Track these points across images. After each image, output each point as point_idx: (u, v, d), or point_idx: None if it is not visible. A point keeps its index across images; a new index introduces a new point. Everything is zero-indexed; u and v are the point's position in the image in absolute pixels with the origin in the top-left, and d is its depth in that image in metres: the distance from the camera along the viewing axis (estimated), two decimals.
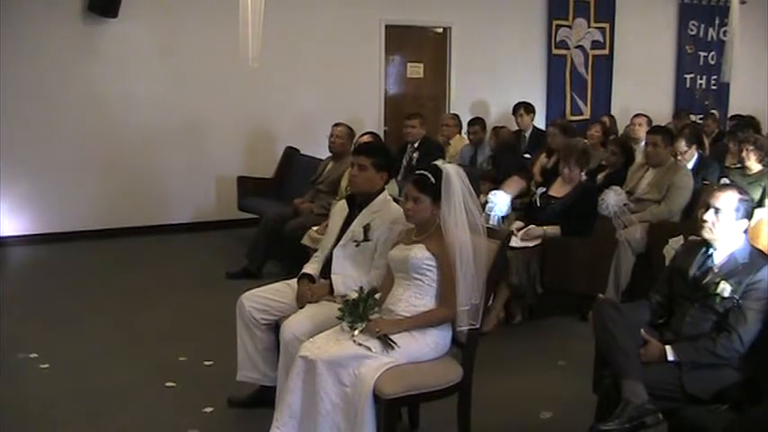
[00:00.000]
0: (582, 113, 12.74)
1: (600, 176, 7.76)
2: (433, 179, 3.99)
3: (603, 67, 12.93)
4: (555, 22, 12.41)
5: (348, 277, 4.48)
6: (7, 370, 5.54)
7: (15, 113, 9.14)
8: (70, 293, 7.46)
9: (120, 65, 9.60)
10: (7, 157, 9.12)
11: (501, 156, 8.85)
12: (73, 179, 9.52)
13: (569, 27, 12.55)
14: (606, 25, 12.82)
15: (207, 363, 5.60)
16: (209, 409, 4.85)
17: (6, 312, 6.86)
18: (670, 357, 3.74)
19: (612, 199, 6.65)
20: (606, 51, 12.90)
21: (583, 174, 6.82)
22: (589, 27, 12.72)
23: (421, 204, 4.00)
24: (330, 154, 8.26)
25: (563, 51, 12.58)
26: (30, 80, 9.18)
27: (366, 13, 10.84)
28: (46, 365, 5.60)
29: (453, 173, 4.02)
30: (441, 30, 11.73)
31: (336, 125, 8.24)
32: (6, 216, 9.28)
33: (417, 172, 4.08)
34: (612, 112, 12.47)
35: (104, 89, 9.55)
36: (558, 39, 12.49)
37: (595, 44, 12.80)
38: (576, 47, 12.68)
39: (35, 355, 5.76)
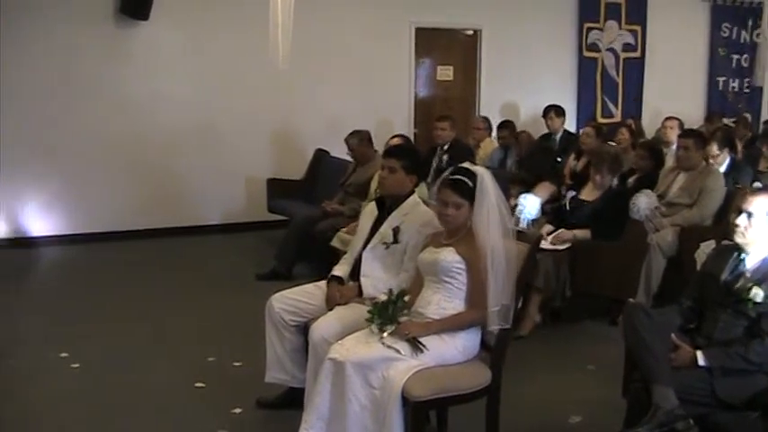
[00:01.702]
0: (613, 116, 12.66)
1: (630, 180, 7.70)
2: (470, 183, 3.97)
3: (635, 69, 12.85)
4: (586, 25, 12.35)
5: (377, 279, 4.48)
6: (38, 369, 5.60)
7: (46, 114, 9.24)
8: (100, 294, 7.51)
9: (151, 67, 9.67)
10: (38, 157, 9.22)
11: (531, 159, 8.82)
12: (103, 180, 9.59)
13: (600, 29, 12.48)
14: (638, 28, 12.74)
15: (236, 364, 5.62)
16: (237, 410, 4.86)
17: (38, 312, 6.96)
18: (701, 363, 3.71)
19: (644, 203, 6.61)
20: (638, 54, 12.83)
21: (614, 179, 6.79)
22: (620, 29, 12.64)
23: (461, 209, 3.98)
24: None
25: (594, 54, 12.52)
26: (61, 81, 9.27)
27: (396, 15, 10.84)
28: (76, 365, 5.64)
29: (488, 176, 4.01)
30: (471, 32, 11.71)
31: (346, 138, 8.31)
32: (37, 216, 9.39)
33: (453, 176, 4.04)
34: (644, 115, 12.43)
35: (135, 91, 9.62)
36: (588, 41, 12.43)
37: (627, 46, 12.73)
38: (608, 49, 12.61)
39: (66, 354, 5.80)
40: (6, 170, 9.12)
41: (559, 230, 6.49)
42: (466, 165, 4.15)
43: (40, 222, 9.44)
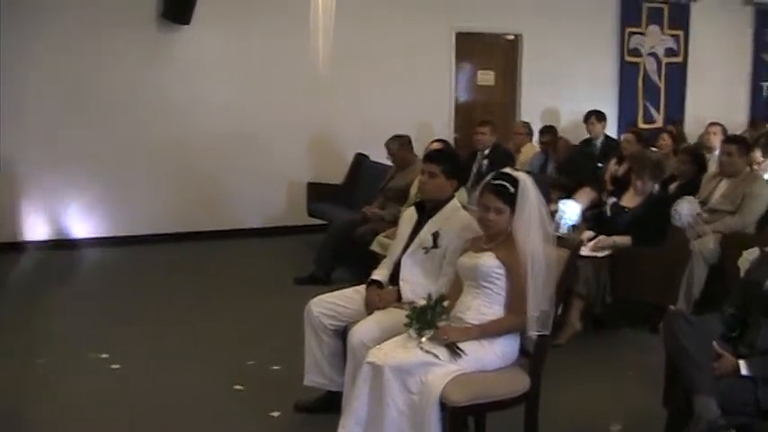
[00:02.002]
0: (654, 121, 12.56)
1: (672, 186, 7.63)
2: (511, 188, 3.96)
3: (677, 74, 12.74)
4: (627, 30, 12.27)
5: (416, 284, 4.47)
6: (79, 369, 5.66)
7: (88, 117, 9.39)
8: (141, 296, 7.59)
9: (192, 71, 9.76)
10: (80, 160, 9.38)
11: (571, 164, 8.77)
12: (144, 183, 9.71)
13: (642, 34, 12.40)
14: (680, 32, 12.63)
15: (274, 367, 5.64)
16: (275, 414, 4.87)
17: (79, 313, 7.04)
18: (744, 372, 3.66)
19: (686, 209, 6.54)
20: (680, 59, 12.72)
21: (656, 185, 6.73)
22: (663, 34, 12.54)
23: (503, 215, 3.96)
24: None
25: (636, 59, 12.43)
26: (104, 85, 9.41)
27: (437, 20, 10.84)
28: (116, 366, 5.69)
29: (530, 182, 3.99)
30: (511, 37, 11.68)
31: (386, 143, 8.33)
32: (79, 219, 9.51)
33: (495, 181, 4.02)
34: (686, 121, 12.30)
35: (176, 95, 9.73)
36: (630, 46, 12.34)
37: (669, 51, 12.63)
38: (649, 54, 12.52)
39: (106, 355, 5.86)
40: (50, 173, 9.29)
41: (599, 237, 6.45)
42: (507, 170, 4.13)
43: (82, 224, 9.57)
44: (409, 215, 4.86)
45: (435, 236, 4.50)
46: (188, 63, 9.76)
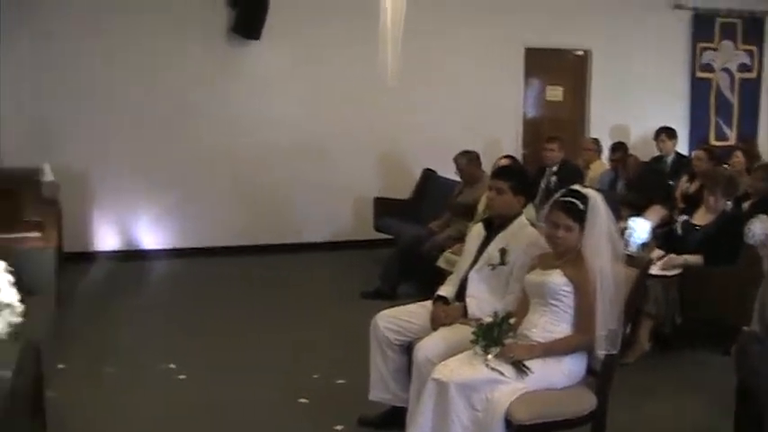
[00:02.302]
0: (727, 138, 12.33)
1: (746, 204, 7.48)
2: (581, 205, 3.93)
3: (751, 90, 12.49)
4: (699, 45, 12.07)
5: (483, 301, 4.45)
6: (146, 380, 5.74)
7: (158, 130, 9.57)
8: (208, 307, 7.68)
9: (261, 85, 9.87)
10: (149, 172, 9.54)
11: (641, 182, 8.66)
12: (213, 196, 9.83)
13: (715, 50, 12.19)
14: (754, 48, 12.39)
15: (339, 381, 5.65)
16: (339, 427, 4.88)
17: (147, 323, 7.16)
18: None
19: (759, 227, 6.40)
20: (754, 74, 12.47)
21: (728, 203, 6.61)
22: (736, 49, 12.32)
23: (572, 232, 3.93)
24: None
25: (708, 75, 12.23)
26: (173, 98, 9.57)
27: (507, 35, 10.79)
28: (183, 376, 5.77)
29: (599, 199, 3.96)
30: (581, 52, 11.58)
31: (455, 158, 8.30)
32: (149, 230, 9.68)
33: (564, 198, 4.01)
34: (760, 137, 12.06)
35: (246, 109, 9.85)
36: (702, 61, 12.14)
37: (742, 67, 12.40)
38: (722, 70, 12.30)
39: (173, 365, 5.93)
40: (121, 185, 9.45)
41: (670, 255, 6.35)
42: (577, 187, 4.10)
43: (151, 236, 9.73)
44: (477, 231, 4.84)
45: (503, 252, 4.48)
46: (257, 77, 9.87)
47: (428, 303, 4.73)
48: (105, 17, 9.28)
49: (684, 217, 6.70)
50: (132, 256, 9.53)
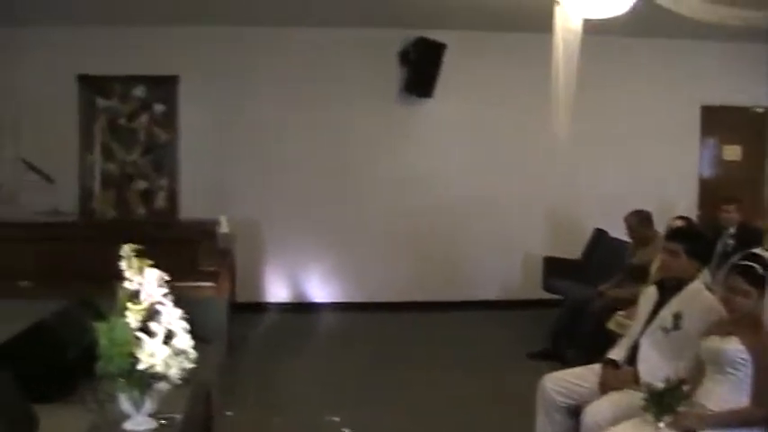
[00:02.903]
0: None
1: None
2: (761, 270, 3.78)
3: None
4: None
5: (655, 366, 4.31)
6: (310, 430, 5.84)
7: (329, 187, 9.86)
8: (373, 362, 7.76)
9: (432, 142, 10.04)
10: (320, 227, 9.85)
11: None
12: (381, 251, 10.00)
13: None
14: None
15: None
16: None
17: (314, 375, 7.32)
18: None
19: None
20: None
21: None
22: None
23: (750, 298, 3.79)
24: None
25: None
26: (345, 155, 9.92)
27: (683, 93, 10.51)
28: (347, 430, 5.82)
29: None
30: (761, 110, 11.17)
31: (626, 218, 8.10)
32: (318, 283, 9.91)
33: (742, 262, 3.88)
34: None
35: (416, 165, 10.01)
36: None
37: None
38: None
39: (337, 418, 6.00)
40: (292, 239, 9.75)
41: None
42: (756, 250, 3.96)
43: (320, 289, 9.95)
44: (649, 294, 4.73)
45: (676, 317, 4.35)
46: (428, 134, 10.03)
47: (597, 367, 4.63)
48: (278, 82, 9.73)
49: None
50: (302, 308, 9.79)
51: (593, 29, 6.05)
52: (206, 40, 9.58)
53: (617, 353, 4.64)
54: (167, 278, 3.72)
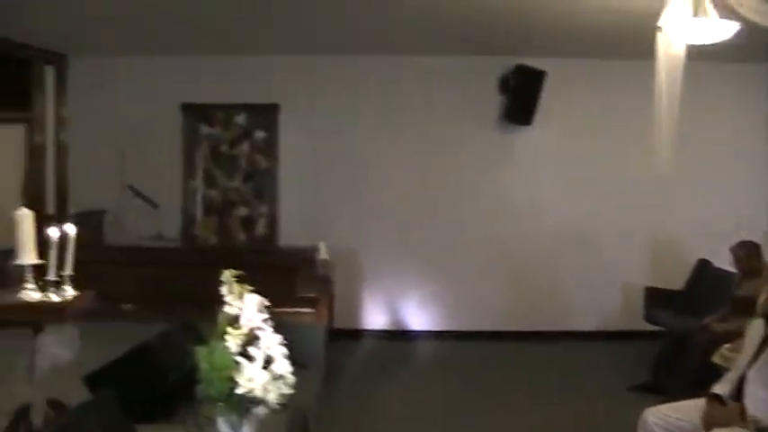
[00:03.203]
0: None
1: None
2: None
3: None
4: None
5: (762, 402, 4.17)
6: None
7: (427, 214, 9.95)
8: (466, 389, 7.78)
9: (530, 170, 10.01)
10: (418, 254, 9.89)
11: None
12: (478, 280, 9.98)
13: None
14: None
15: None
16: None
17: (408, 403, 7.37)
18: None
19: None
20: None
21: None
22: None
23: None
24: None
25: None
26: (444, 183, 10.04)
27: None
28: None
29: None
30: None
31: (732, 248, 7.88)
32: (415, 311, 9.92)
33: None
34: None
35: (514, 193, 10.01)
36: None
37: None
38: None
39: None
40: (390, 266, 9.79)
41: None
42: None
43: (417, 317, 9.95)
44: (757, 327, 4.59)
45: None
46: (526, 162, 9.99)
47: (701, 401, 4.50)
48: (376, 110, 9.86)
49: None
50: (398, 336, 9.81)
51: (696, 55, 5.93)
52: (306, 68, 9.78)
53: (722, 387, 4.50)
54: (267, 304, 3.76)
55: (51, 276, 4.82)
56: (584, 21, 7.74)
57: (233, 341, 3.56)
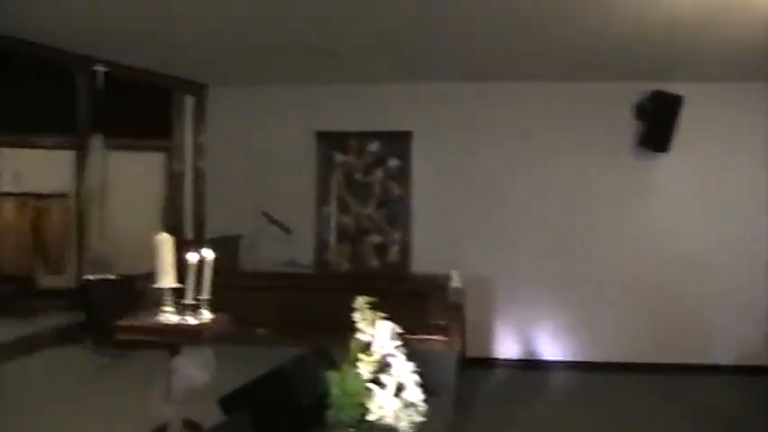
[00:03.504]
0: None
1: None
2: None
3: None
4: None
5: None
6: None
7: (561, 243, 9.82)
8: (601, 424, 7.59)
9: (667, 198, 9.75)
10: (552, 284, 9.79)
11: None
12: (614, 310, 9.77)
13: None
14: None
15: None
16: None
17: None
18: None
19: None
20: None
21: None
22: None
23: None
24: None
25: None
26: (579, 212, 9.87)
27: None
28: None
29: None
30: None
31: None
32: (549, 341, 9.78)
33: None
34: None
35: (650, 222, 9.79)
36: None
37: None
38: None
39: None
40: (523, 295, 9.74)
41: None
42: None
43: (551, 347, 9.80)
44: None
45: None
46: (663, 190, 9.74)
47: None
48: (509, 137, 9.85)
49: None
50: (532, 366, 9.69)
51: None
52: (438, 96, 9.83)
53: None
54: (399, 331, 3.77)
55: (189, 300, 4.95)
56: (729, 44, 7.51)
57: (365, 367, 3.57)
